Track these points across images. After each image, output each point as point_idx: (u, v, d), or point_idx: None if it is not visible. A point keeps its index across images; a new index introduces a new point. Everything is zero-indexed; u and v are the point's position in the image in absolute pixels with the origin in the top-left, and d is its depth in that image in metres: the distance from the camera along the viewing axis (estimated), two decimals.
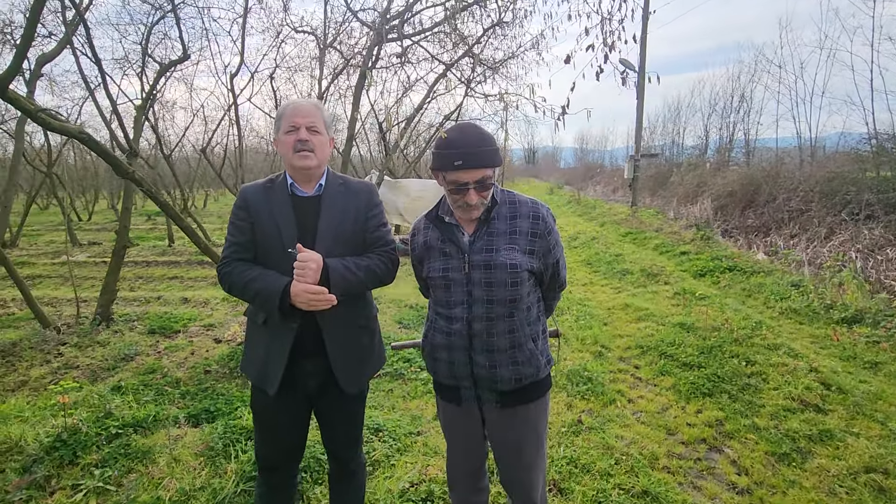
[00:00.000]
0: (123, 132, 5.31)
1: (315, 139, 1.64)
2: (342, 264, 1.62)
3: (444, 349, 1.61)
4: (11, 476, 2.53)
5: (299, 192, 1.70)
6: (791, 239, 11.33)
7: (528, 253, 1.55)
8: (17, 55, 2.20)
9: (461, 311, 1.56)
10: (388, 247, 1.78)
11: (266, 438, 1.77)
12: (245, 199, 1.68)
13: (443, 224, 1.62)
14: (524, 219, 1.56)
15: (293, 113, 1.63)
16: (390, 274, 1.77)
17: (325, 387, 1.73)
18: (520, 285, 1.53)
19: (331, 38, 6.26)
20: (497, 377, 1.56)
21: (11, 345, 4.71)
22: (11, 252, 11.10)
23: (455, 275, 1.56)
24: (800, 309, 5.47)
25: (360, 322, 1.77)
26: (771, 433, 3.05)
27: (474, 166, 1.47)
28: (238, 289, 1.63)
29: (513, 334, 1.55)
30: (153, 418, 3.09)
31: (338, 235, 1.68)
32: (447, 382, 1.67)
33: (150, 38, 7.34)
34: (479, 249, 1.54)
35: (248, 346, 1.78)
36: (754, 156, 19.01)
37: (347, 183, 1.78)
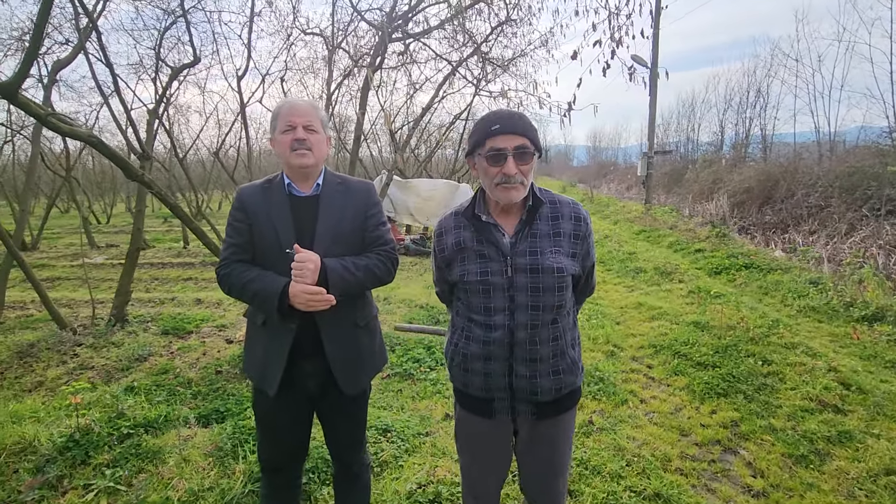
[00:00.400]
0: (136, 136, 5.39)
1: (312, 138, 1.62)
2: (340, 264, 1.60)
3: (481, 359, 1.49)
4: (25, 476, 2.56)
5: (297, 191, 1.68)
6: (810, 236, 11.09)
7: (571, 256, 1.47)
8: (25, 60, 2.23)
9: (503, 318, 1.44)
10: (388, 246, 1.76)
11: (268, 439, 1.77)
12: (242, 201, 1.67)
13: (479, 223, 1.49)
14: (567, 220, 1.48)
15: (289, 112, 1.61)
16: (390, 274, 1.75)
17: (326, 388, 1.71)
18: (565, 290, 1.45)
19: (339, 39, 6.28)
20: (538, 388, 1.46)
21: (29, 346, 4.80)
22: (32, 255, 11.36)
23: (496, 279, 1.44)
24: (818, 307, 5.33)
25: (359, 322, 1.74)
26: (788, 434, 2.97)
27: (512, 131, 1.38)
28: (237, 290, 1.62)
29: (556, 342, 1.47)
30: (164, 418, 3.11)
31: (336, 235, 1.65)
32: (478, 395, 1.54)
33: (162, 42, 7.48)
34: (522, 252, 1.44)
35: (249, 347, 1.77)
36: (771, 151, 18.68)
37: (346, 182, 1.76)
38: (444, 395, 3.59)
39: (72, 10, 5.38)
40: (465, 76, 6.42)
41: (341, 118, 15.01)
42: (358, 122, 4.77)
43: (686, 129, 26.07)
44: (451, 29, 6.26)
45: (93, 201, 20.97)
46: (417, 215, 10.12)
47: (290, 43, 7.62)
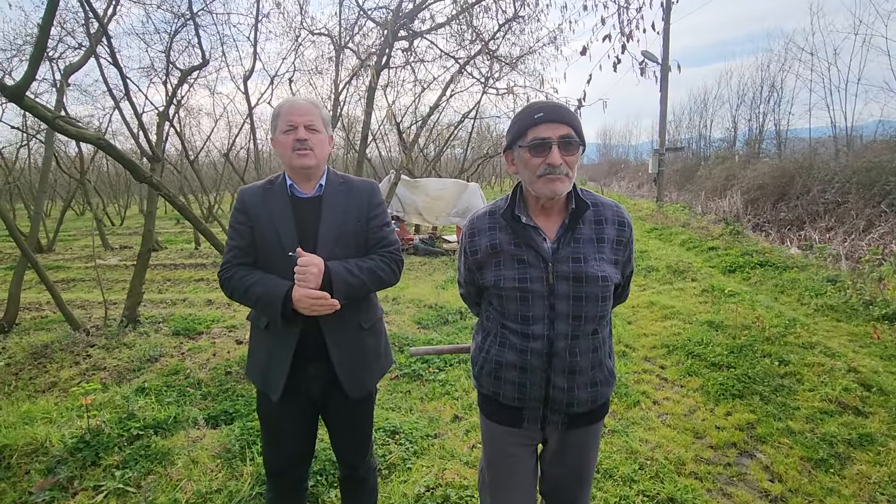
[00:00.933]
0: (146, 138, 5.42)
1: (314, 138, 1.58)
2: (344, 267, 1.57)
3: (516, 369, 1.40)
4: (36, 477, 2.58)
5: (299, 192, 1.65)
6: (827, 232, 10.87)
7: (614, 263, 1.39)
8: (31, 63, 2.24)
9: (541, 327, 1.36)
10: (392, 247, 1.72)
11: (272, 444, 1.75)
12: (243, 202, 1.64)
13: (518, 225, 1.39)
14: (610, 225, 1.39)
15: (290, 111, 1.58)
16: (394, 276, 1.71)
17: (330, 391, 1.68)
18: (608, 300, 1.38)
19: (345, 39, 6.27)
20: (574, 400, 1.39)
21: (43, 347, 4.86)
22: (48, 257, 11.54)
23: (535, 286, 1.35)
24: (837, 305, 5.21)
25: (364, 324, 1.71)
26: (806, 437, 2.89)
27: (557, 119, 1.29)
28: (239, 294, 1.59)
29: (595, 353, 1.40)
30: (173, 420, 3.12)
31: (339, 237, 1.62)
32: (510, 404, 1.46)
33: (172, 46, 7.54)
34: (564, 258, 1.35)
35: (252, 350, 1.75)
36: (786, 147, 18.40)
37: (348, 182, 1.72)
38: (453, 396, 3.55)
39: (83, 14, 5.43)
40: (473, 74, 6.38)
41: (350, 118, 15.04)
42: (365, 121, 4.76)
43: (698, 125, 25.80)
44: (458, 27, 6.23)
45: (107, 203, 21.27)
46: (426, 215, 10.10)
47: (298, 44, 7.65)
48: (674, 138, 25.78)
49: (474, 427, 3.07)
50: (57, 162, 14.71)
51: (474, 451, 2.79)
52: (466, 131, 16.68)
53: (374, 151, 16.71)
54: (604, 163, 46.97)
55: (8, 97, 2.34)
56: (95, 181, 19.17)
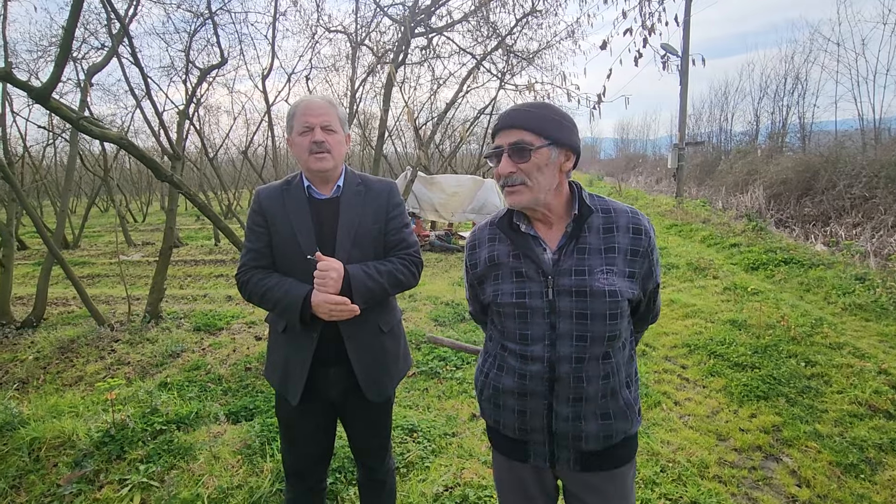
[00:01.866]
0: (167, 137, 5.50)
1: (331, 139, 1.55)
2: (364, 271, 1.54)
3: (514, 395, 1.28)
4: (64, 470, 2.64)
5: (316, 194, 1.62)
6: (854, 228, 10.58)
7: (629, 277, 1.22)
8: (57, 65, 2.28)
9: (541, 349, 1.23)
10: (411, 249, 1.69)
11: (291, 446, 1.75)
12: (260, 203, 1.62)
13: (517, 235, 1.28)
14: (623, 232, 1.23)
15: (305, 112, 1.54)
16: (414, 278, 1.69)
17: (349, 394, 1.67)
18: (619, 318, 1.22)
19: (362, 36, 6.27)
20: (582, 433, 1.23)
21: (70, 341, 4.98)
22: (74, 253, 11.84)
23: (534, 302, 1.23)
24: (865, 304, 5.05)
25: (383, 327, 1.69)
26: (835, 441, 2.81)
27: (510, 125, 1.20)
28: (257, 298, 1.58)
29: (607, 380, 1.23)
30: (195, 415, 3.17)
31: (357, 239, 1.60)
32: (513, 436, 1.32)
33: (192, 45, 7.64)
34: (566, 270, 1.21)
35: (270, 353, 1.75)
36: (811, 140, 17.94)
37: (367, 182, 1.69)
38: (471, 394, 3.54)
39: (105, 15, 5.53)
40: (490, 70, 6.32)
41: (366, 115, 15.09)
42: (382, 118, 4.75)
43: (719, 118, 25.26)
44: (475, 22, 6.18)
45: (129, 200, 21.73)
46: (442, 211, 10.08)
47: (315, 42, 7.68)
48: (693, 132, 25.31)
49: None
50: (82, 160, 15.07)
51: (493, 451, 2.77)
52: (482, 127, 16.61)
53: (391, 148, 16.74)
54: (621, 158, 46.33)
55: (34, 99, 2.39)
56: (119, 179, 19.59)
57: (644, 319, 1.41)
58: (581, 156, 1.29)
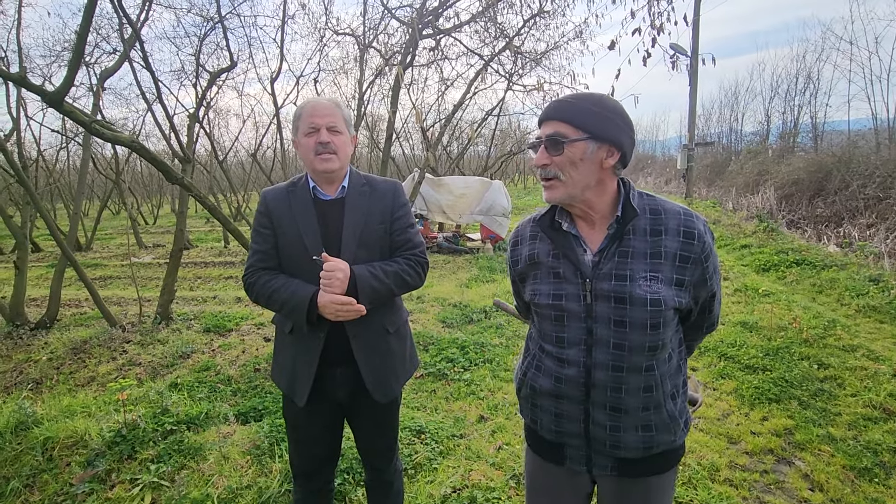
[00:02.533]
0: (178, 140, 5.56)
1: (336, 140, 1.56)
2: (369, 272, 1.55)
3: (551, 397, 1.25)
4: (76, 469, 2.67)
5: (322, 195, 1.63)
6: (867, 229, 10.42)
7: (676, 284, 1.14)
8: (70, 70, 2.32)
9: (577, 353, 1.19)
10: (417, 249, 1.69)
11: (298, 447, 1.75)
12: (266, 205, 1.63)
13: (558, 234, 1.23)
14: (672, 236, 1.15)
15: (311, 113, 1.55)
16: (420, 278, 1.69)
17: (356, 395, 1.67)
18: (663, 328, 1.14)
19: (370, 38, 6.30)
20: (620, 442, 1.18)
21: (82, 342, 5.04)
22: (86, 255, 12.00)
23: (571, 305, 1.18)
24: (880, 306, 4.97)
25: (389, 328, 1.69)
26: (849, 445, 2.76)
27: (549, 117, 1.16)
28: (264, 299, 1.59)
29: (649, 393, 1.16)
30: (205, 415, 3.19)
31: (363, 239, 1.60)
32: (550, 437, 1.30)
33: (202, 49, 7.72)
34: (606, 274, 1.15)
35: (277, 354, 1.75)
36: (823, 140, 17.73)
37: (372, 183, 1.70)
38: (479, 396, 3.53)
39: (117, 20, 5.61)
40: (498, 70, 6.33)
41: (373, 117, 15.15)
42: (389, 120, 4.77)
43: (729, 118, 25.06)
44: (483, 24, 6.19)
45: (141, 203, 21.98)
46: (450, 213, 10.09)
47: (323, 44, 7.73)
48: (703, 132, 25.12)
49: (500, 428, 3.04)
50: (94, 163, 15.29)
51: (501, 453, 2.77)
52: (490, 128, 16.61)
53: (398, 150, 16.80)
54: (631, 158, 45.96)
55: (48, 103, 2.42)
56: (130, 182, 19.84)
57: (698, 328, 1.32)
58: (632, 154, 1.21)
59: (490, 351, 4.28)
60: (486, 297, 6.05)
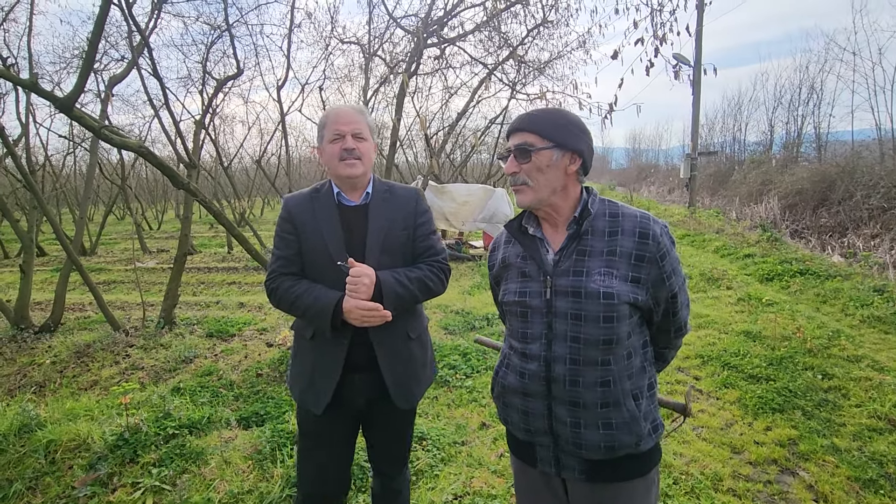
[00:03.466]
0: (184, 146, 5.62)
1: (361, 146, 1.57)
2: (394, 278, 1.55)
3: (517, 394, 1.31)
4: (79, 472, 2.68)
5: (346, 201, 1.64)
6: (872, 240, 10.38)
7: (632, 281, 1.20)
8: (81, 76, 2.36)
9: (539, 347, 1.25)
10: (440, 256, 1.70)
11: (312, 461, 1.70)
12: (289, 211, 1.63)
13: (526, 237, 1.33)
14: (627, 236, 1.22)
15: (337, 120, 1.57)
16: (442, 284, 1.69)
17: (375, 402, 1.66)
18: (617, 322, 1.19)
19: (375, 47, 6.36)
20: (582, 440, 1.22)
21: (86, 346, 5.06)
22: (91, 259, 12.06)
23: (534, 301, 1.26)
24: (884, 317, 4.95)
25: (411, 334, 1.68)
26: (853, 456, 2.74)
27: (518, 128, 1.25)
28: (287, 304, 1.58)
29: (606, 388, 1.20)
30: (207, 420, 3.19)
31: (386, 245, 1.60)
32: (521, 437, 1.36)
33: (209, 56, 7.81)
34: (564, 271, 1.23)
35: (296, 360, 1.71)
36: (827, 150, 17.70)
37: (393, 189, 1.70)
38: (480, 403, 3.53)
39: (126, 27, 5.68)
40: (502, 79, 6.38)
41: (378, 124, 15.26)
42: (394, 127, 4.80)
43: (732, 128, 25.06)
44: (487, 33, 6.24)
45: (145, 208, 22.10)
46: (453, 220, 10.11)
47: (329, 52, 7.81)
48: (706, 142, 25.14)
49: (502, 435, 3.03)
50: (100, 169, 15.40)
51: (502, 461, 2.76)
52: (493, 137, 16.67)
53: (402, 157, 16.87)
54: (633, 168, 46.11)
55: (59, 108, 2.46)
56: (135, 187, 19.97)
57: (665, 332, 1.34)
58: (592, 161, 1.30)
59: (492, 358, 4.28)
60: (489, 305, 6.05)
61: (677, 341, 1.40)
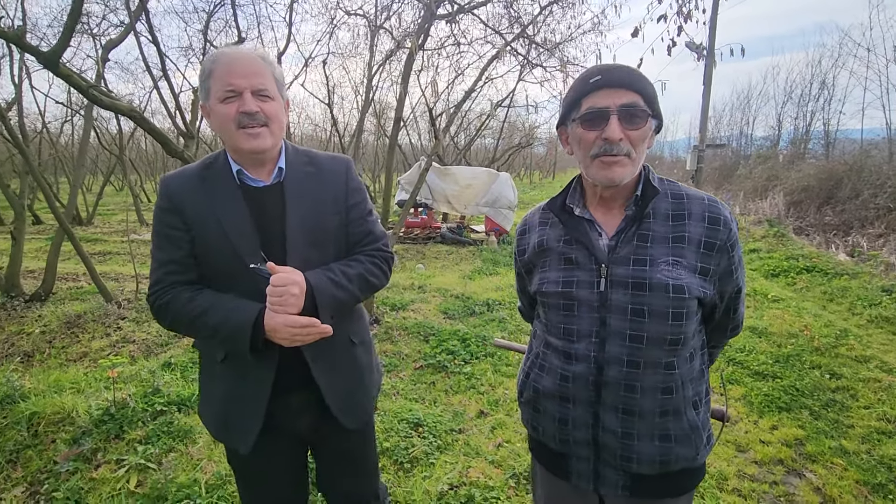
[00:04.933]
0: (181, 117, 5.43)
1: (267, 108, 1.16)
2: (329, 279, 1.21)
3: (555, 399, 1.13)
4: (62, 447, 2.59)
5: (251, 180, 1.23)
6: (877, 239, 10.27)
7: (701, 273, 1.04)
8: (65, 31, 2.20)
9: (587, 347, 1.08)
10: (380, 242, 1.37)
11: (253, 498, 1.40)
12: (170, 198, 1.20)
13: (570, 218, 1.13)
14: (696, 221, 1.05)
15: (229, 70, 1.13)
16: (386, 277, 1.37)
17: (320, 424, 1.34)
18: (685, 320, 1.03)
19: (381, 20, 6.14)
20: (633, 453, 1.06)
21: (77, 317, 4.96)
22: (87, 229, 11.92)
23: (582, 292, 1.08)
24: (893, 317, 4.85)
25: (354, 338, 1.37)
26: (862, 459, 2.66)
27: (618, 84, 1.01)
28: (185, 325, 1.20)
29: (668, 395, 1.05)
30: (197, 397, 3.10)
31: (314, 236, 1.24)
32: (553, 447, 1.18)
33: (210, 25, 7.56)
34: (623, 259, 1.06)
35: (205, 390, 1.35)
36: (835, 148, 17.50)
37: (316, 160, 1.31)
38: (479, 390, 3.44)
39: None
40: (517, 49, 6.15)
41: (382, 104, 14.97)
42: (400, 97, 4.62)
43: (740, 122, 24.78)
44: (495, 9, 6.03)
45: (145, 180, 21.87)
46: (455, 203, 9.95)
47: (334, 26, 7.56)
48: (713, 135, 24.85)
49: (500, 424, 2.95)
50: (98, 138, 15.14)
51: (500, 451, 2.67)
52: (499, 120, 16.42)
53: (405, 139, 16.62)
54: None
55: (43, 63, 2.31)
56: (134, 158, 19.71)
57: (722, 329, 1.20)
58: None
59: (492, 344, 4.18)
60: (490, 290, 5.94)
61: (727, 341, 1.27)
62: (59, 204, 10.72)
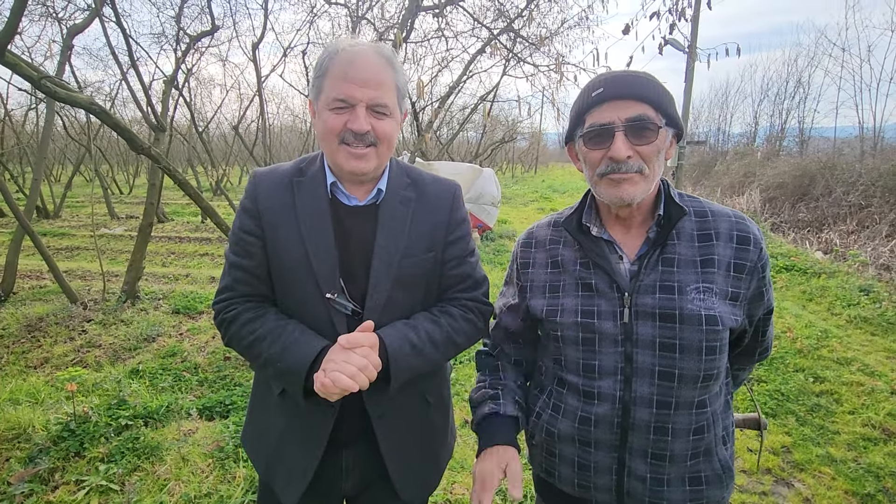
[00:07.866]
0: (151, 108, 5.16)
1: (380, 127, 0.99)
2: (410, 344, 1.01)
3: (572, 442, 1.03)
4: (16, 466, 2.40)
5: (344, 197, 1.07)
6: (849, 236, 10.51)
7: (731, 299, 0.95)
8: (13, 14, 1.97)
9: (612, 385, 0.97)
10: (479, 291, 1.16)
11: None
12: (255, 198, 1.05)
13: (588, 238, 1.02)
14: (724, 241, 0.96)
15: (345, 73, 0.96)
16: (478, 337, 1.17)
17: (370, 488, 1.16)
18: (719, 353, 0.95)
19: (363, 10, 5.94)
20: (662, 499, 0.98)
21: (38, 319, 4.69)
22: (54, 223, 11.41)
23: (605, 325, 0.97)
24: (871, 318, 4.91)
25: (429, 397, 1.16)
26: (849, 467, 2.64)
27: (622, 95, 0.91)
28: (242, 346, 1.05)
29: (700, 436, 0.96)
30: (166, 409, 2.93)
31: (403, 274, 1.06)
32: (569, 492, 1.07)
33: (183, 11, 7.22)
34: (649, 287, 0.96)
35: (255, 420, 1.19)
36: (809, 145, 17.90)
37: (419, 183, 1.12)
38: (462, 397, 3.34)
39: None
40: (504, 43, 6.03)
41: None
42: None
43: (718, 118, 25.17)
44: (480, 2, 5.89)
45: (116, 171, 21.12)
46: None
47: (314, 15, 7.30)
48: (692, 131, 25.20)
49: None
50: (65, 127, 14.50)
51: None
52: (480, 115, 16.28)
53: None
54: None
55: None
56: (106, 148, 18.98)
57: (749, 354, 1.09)
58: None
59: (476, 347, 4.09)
60: None
61: (757, 362, 1.17)
62: (24, 195, 10.23)
